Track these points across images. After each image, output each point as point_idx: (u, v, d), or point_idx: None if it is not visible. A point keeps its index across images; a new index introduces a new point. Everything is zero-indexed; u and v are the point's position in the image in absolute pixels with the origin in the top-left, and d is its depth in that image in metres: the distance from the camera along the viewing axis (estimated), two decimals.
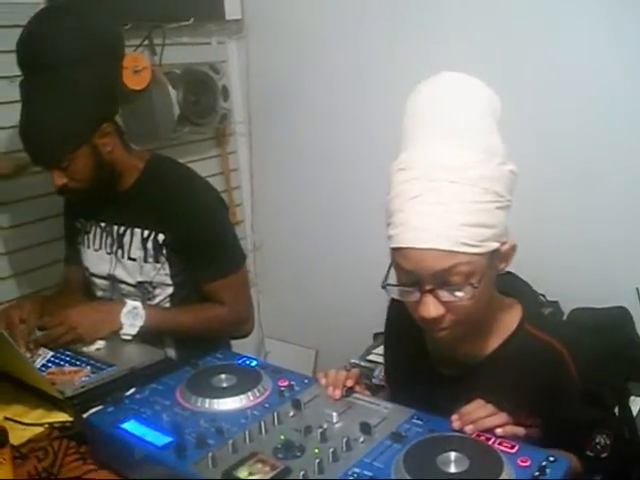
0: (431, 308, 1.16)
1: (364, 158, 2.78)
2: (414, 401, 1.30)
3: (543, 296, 2.35)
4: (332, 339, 3.04)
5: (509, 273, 1.42)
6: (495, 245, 1.16)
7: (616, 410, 1.87)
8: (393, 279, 1.23)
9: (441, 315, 1.17)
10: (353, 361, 2.41)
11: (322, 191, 2.99)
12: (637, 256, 2.25)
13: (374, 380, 2.26)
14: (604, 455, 1.25)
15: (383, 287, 1.22)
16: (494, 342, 1.30)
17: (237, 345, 2.05)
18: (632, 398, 1.99)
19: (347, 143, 2.84)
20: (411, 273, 1.17)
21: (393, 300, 1.40)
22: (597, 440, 1.25)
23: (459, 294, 1.15)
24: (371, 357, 2.41)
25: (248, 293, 2.08)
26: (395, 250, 1.19)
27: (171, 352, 1.94)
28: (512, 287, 1.38)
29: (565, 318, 2.26)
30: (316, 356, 3.23)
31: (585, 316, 2.23)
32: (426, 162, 1.16)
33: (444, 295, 1.16)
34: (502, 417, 1.15)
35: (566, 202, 2.34)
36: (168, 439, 1.20)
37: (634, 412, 1.93)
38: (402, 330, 1.41)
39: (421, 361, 1.39)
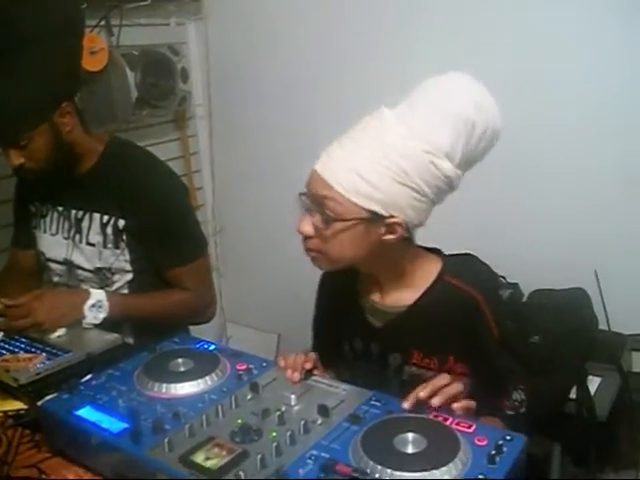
0: (302, 223, 1.33)
1: (326, 140, 2.76)
2: (353, 352, 1.47)
3: (504, 278, 2.36)
4: (294, 323, 3.00)
5: (469, 255, 1.44)
6: (374, 207, 1.25)
7: (574, 389, 1.91)
8: None
9: (309, 235, 1.33)
10: None
11: (284, 174, 2.95)
12: (596, 239, 2.28)
13: None
14: (522, 410, 1.36)
15: (300, 195, 1.34)
16: (415, 293, 1.39)
17: (198, 330, 2.02)
18: (590, 378, 2.02)
19: (308, 125, 2.82)
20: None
21: None
22: (514, 397, 1.36)
23: (323, 224, 1.29)
24: None
25: (211, 278, 2.07)
26: None
27: (129, 338, 1.91)
28: (471, 267, 1.43)
29: (525, 299, 2.29)
30: (278, 340, 3.23)
31: (545, 297, 2.27)
32: (375, 115, 1.30)
33: (315, 219, 1.31)
34: (458, 385, 1.19)
35: (527, 187, 2.36)
36: (124, 425, 1.18)
37: (591, 391, 1.97)
38: (337, 284, 1.51)
39: (354, 313, 1.47)
